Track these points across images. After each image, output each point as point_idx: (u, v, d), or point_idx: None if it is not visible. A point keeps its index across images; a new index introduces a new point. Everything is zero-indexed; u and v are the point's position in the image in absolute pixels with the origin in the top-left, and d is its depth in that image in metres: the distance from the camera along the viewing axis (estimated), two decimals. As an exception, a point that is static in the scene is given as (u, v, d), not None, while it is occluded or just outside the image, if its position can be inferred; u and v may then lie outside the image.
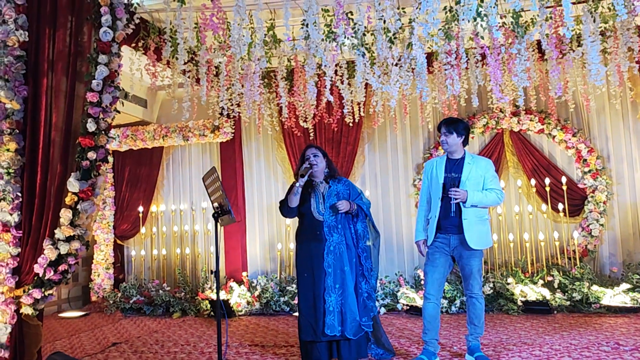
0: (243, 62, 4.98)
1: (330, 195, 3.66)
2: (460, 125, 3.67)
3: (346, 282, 3.51)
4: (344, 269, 3.52)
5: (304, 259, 3.65)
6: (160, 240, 7.26)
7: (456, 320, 5.14)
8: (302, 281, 3.63)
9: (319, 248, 3.56)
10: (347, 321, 3.46)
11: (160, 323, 5.88)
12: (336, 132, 6.51)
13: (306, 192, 3.68)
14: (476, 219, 3.57)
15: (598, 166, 5.86)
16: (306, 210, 3.66)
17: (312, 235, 3.61)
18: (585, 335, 4.31)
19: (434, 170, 3.75)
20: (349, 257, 3.57)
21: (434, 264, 3.64)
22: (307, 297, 3.57)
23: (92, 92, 3.39)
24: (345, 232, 3.63)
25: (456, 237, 3.58)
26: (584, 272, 5.48)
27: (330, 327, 3.43)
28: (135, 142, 7.03)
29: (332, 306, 3.46)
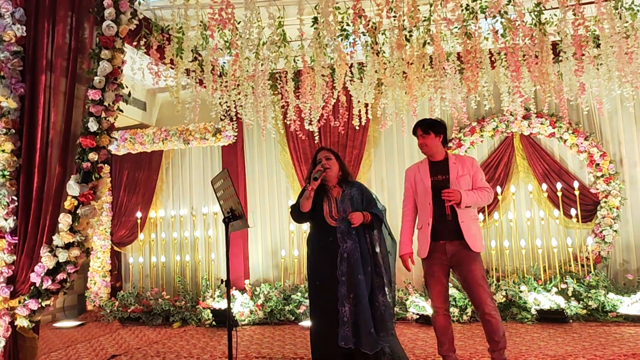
0: (249, 62, 4.80)
1: (343, 200, 3.45)
2: (436, 124, 3.48)
3: (360, 292, 3.26)
4: (358, 277, 3.28)
5: (315, 266, 3.45)
6: (159, 247, 7.04)
7: (469, 330, 4.95)
8: (314, 290, 3.42)
9: (331, 255, 3.34)
10: (362, 333, 3.21)
11: (160, 333, 5.65)
12: (342, 136, 6.34)
13: (318, 197, 3.48)
14: (471, 220, 3.37)
15: (611, 171, 5.72)
16: (318, 215, 3.46)
17: (325, 241, 3.40)
18: (608, 346, 4.14)
19: (417, 175, 3.53)
20: (363, 265, 3.33)
21: (434, 276, 3.42)
22: (320, 307, 3.37)
23: (94, 90, 3.20)
24: (360, 239, 3.38)
25: (453, 244, 3.34)
26: (598, 279, 5.32)
27: (344, 339, 3.19)
28: (133, 146, 6.82)
29: (347, 317, 3.22)
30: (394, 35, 4.13)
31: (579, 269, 5.63)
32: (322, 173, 3.41)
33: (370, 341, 3.20)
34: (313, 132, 5.90)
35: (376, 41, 4.15)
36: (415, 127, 3.53)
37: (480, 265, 3.35)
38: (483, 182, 3.44)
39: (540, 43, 3.74)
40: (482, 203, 3.43)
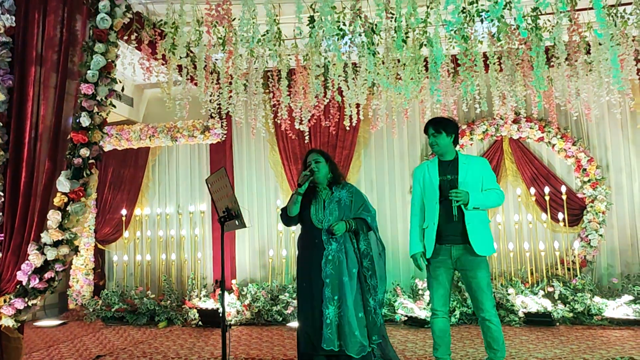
0: (242, 59, 4.74)
1: (331, 202, 3.43)
2: (449, 124, 3.43)
3: (345, 293, 3.24)
4: (343, 279, 3.27)
5: (303, 267, 3.45)
6: (144, 245, 6.92)
7: (458, 332, 4.97)
8: (301, 291, 3.42)
9: (317, 256, 3.33)
10: (346, 336, 3.19)
11: (146, 333, 5.55)
12: (332, 136, 6.32)
13: (307, 199, 3.47)
14: (479, 223, 3.31)
15: (597, 176, 5.80)
16: (306, 217, 3.45)
17: (311, 243, 3.39)
18: (596, 349, 4.18)
19: (426, 174, 3.48)
20: (348, 267, 3.31)
21: (438, 280, 3.38)
22: (305, 308, 3.36)
23: (87, 84, 3.12)
24: (346, 241, 3.37)
25: (458, 247, 3.30)
26: (584, 282, 5.39)
27: (327, 341, 3.17)
28: (119, 142, 6.70)
29: (330, 319, 3.20)
30: (389, 36, 4.13)
31: (565, 272, 5.69)
32: (307, 178, 3.38)
33: (354, 344, 3.18)
34: (303, 131, 5.87)
35: (372, 41, 4.14)
36: (427, 125, 3.46)
37: (486, 271, 3.31)
38: (493, 184, 3.40)
39: (535, 47, 3.76)
40: (491, 205, 3.36)
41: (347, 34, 4.08)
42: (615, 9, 4.12)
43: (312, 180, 3.45)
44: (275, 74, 5.54)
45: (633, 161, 5.88)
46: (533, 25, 3.76)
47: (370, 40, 4.05)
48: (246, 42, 4.08)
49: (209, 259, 6.73)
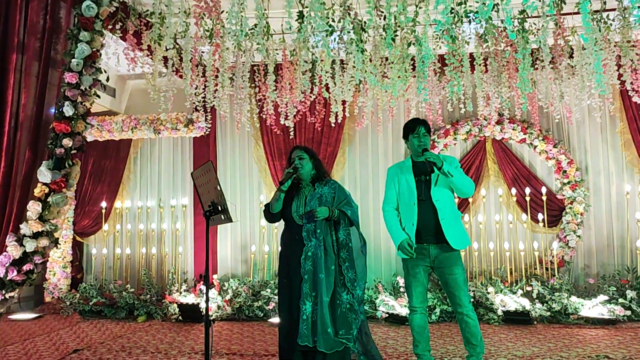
0: (229, 52, 4.69)
1: (312, 199, 3.42)
2: (428, 124, 3.45)
3: (321, 290, 3.24)
4: (319, 276, 3.28)
5: (283, 264, 3.47)
6: (124, 239, 6.83)
7: (438, 330, 5.02)
8: (281, 286, 3.44)
9: (297, 253, 3.33)
10: (319, 332, 3.20)
11: (124, 327, 5.48)
12: (317, 132, 6.31)
13: (290, 195, 3.48)
14: (453, 218, 3.37)
15: (577, 178, 5.91)
16: (288, 213, 3.46)
17: (292, 239, 3.41)
18: (572, 347, 4.27)
19: (400, 175, 3.49)
20: (326, 264, 3.31)
21: (416, 278, 3.43)
22: (285, 304, 3.37)
23: (71, 73, 3.05)
24: (325, 238, 3.36)
25: (435, 246, 3.35)
26: (562, 282, 5.50)
27: (302, 337, 3.18)
28: (101, 133, 6.58)
29: (306, 314, 3.21)
30: (378, 34, 4.13)
31: (543, 272, 5.80)
32: (290, 175, 3.38)
33: (327, 340, 3.19)
34: (288, 127, 5.84)
35: (361, 39, 4.13)
36: (416, 124, 3.42)
37: (462, 268, 3.38)
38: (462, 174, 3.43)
39: (521, 49, 3.81)
40: (462, 182, 3.32)
41: (336, 31, 4.07)
42: (600, 15, 4.19)
43: (295, 176, 3.45)
44: (262, 69, 5.50)
45: (611, 164, 6.00)
46: (520, 27, 3.80)
47: (358, 37, 4.05)
48: (234, 35, 4.05)
49: (190, 254, 6.67)
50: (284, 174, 3.40)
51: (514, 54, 4.08)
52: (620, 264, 5.82)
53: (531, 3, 3.11)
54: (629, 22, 3.81)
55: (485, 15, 3.15)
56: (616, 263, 5.85)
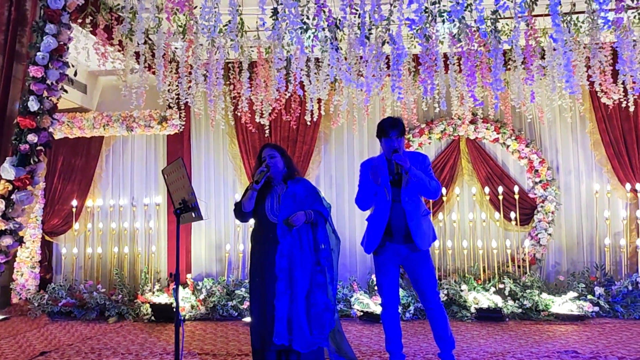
0: (202, 49, 4.63)
1: (286, 197, 3.41)
2: (402, 124, 3.43)
3: (297, 288, 3.25)
4: (295, 274, 3.28)
5: (256, 262, 3.43)
6: (95, 238, 6.68)
7: (412, 327, 5.05)
8: (254, 285, 3.41)
9: (271, 251, 3.30)
10: (295, 331, 3.21)
11: (95, 328, 5.36)
12: (293, 131, 6.28)
13: (262, 193, 3.44)
14: (421, 216, 3.40)
15: (548, 177, 6.02)
16: (261, 212, 3.42)
17: (266, 237, 3.37)
18: (542, 343, 4.35)
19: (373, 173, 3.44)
20: (301, 262, 3.31)
21: (387, 275, 3.47)
22: (257, 303, 3.34)
23: (36, 66, 2.96)
24: (301, 236, 3.36)
25: (405, 246, 3.40)
26: (533, 279, 5.59)
27: (278, 335, 3.17)
28: (71, 130, 6.43)
29: (282, 313, 3.20)
30: (353, 32, 4.13)
31: (515, 269, 5.89)
32: (263, 175, 3.35)
33: (303, 339, 3.19)
34: (263, 125, 5.81)
35: (335, 37, 4.13)
36: (389, 128, 3.37)
37: (431, 265, 3.44)
38: (431, 177, 3.44)
39: (495, 50, 3.85)
40: (427, 186, 3.33)
41: (311, 28, 4.05)
42: (569, 17, 4.27)
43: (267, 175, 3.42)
44: (236, 66, 5.46)
45: (581, 164, 6.13)
46: (492, 28, 3.84)
47: (333, 35, 4.04)
48: (207, 31, 3.99)
49: (163, 253, 6.57)
50: (257, 173, 3.37)
51: (486, 54, 4.12)
52: (589, 261, 5.95)
53: (502, 3, 3.15)
54: (598, 24, 3.89)
55: (458, 15, 3.17)
56: (585, 260, 5.98)
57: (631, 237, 5.83)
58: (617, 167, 5.89)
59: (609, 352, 4.02)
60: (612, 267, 5.80)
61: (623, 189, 5.86)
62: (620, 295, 5.40)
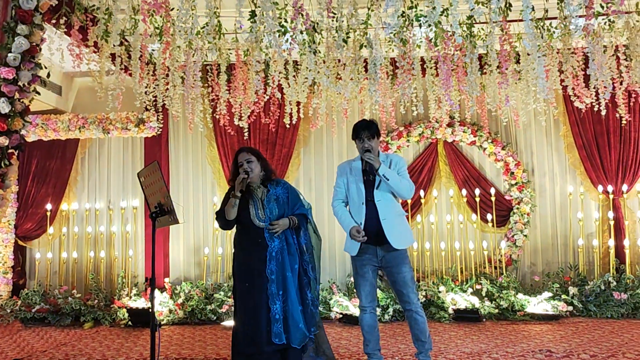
0: (180, 51, 4.60)
1: (269, 200, 3.44)
2: (376, 126, 3.52)
3: (289, 288, 3.32)
4: (286, 275, 3.33)
5: (244, 267, 3.41)
6: (70, 242, 6.56)
7: (391, 329, 5.07)
8: (242, 290, 3.38)
9: (260, 255, 3.33)
10: (291, 329, 3.28)
11: (69, 334, 5.26)
12: (272, 133, 6.27)
13: (243, 199, 3.43)
14: (394, 215, 3.45)
15: (524, 179, 6.12)
16: (245, 218, 3.42)
17: (254, 242, 3.38)
18: (518, 343, 4.41)
19: (349, 175, 3.57)
20: (290, 263, 3.37)
21: (365, 277, 3.51)
22: (248, 307, 3.32)
23: (7, 68, 2.91)
24: (288, 238, 3.42)
25: (382, 247, 3.44)
26: (509, 280, 5.68)
27: (277, 336, 3.22)
28: (46, 133, 6.31)
29: (278, 314, 3.26)
30: (331, 36, 4.15)
31: (492, 270, 5.97)
32: (245, 182, 3.35)
33: (299, 336, 3.29)
34: (242, 128, 5.78)
35: (314, 40, 4.14)
36: (361, 130, 3.47)
37: (409, 266, 3.47)
38: (405, 176, 3.49)
39: (469, 54, 3.91)
40: (401, 185, 3.40)
41: (289, 31, 4.06)
42: (542, 22, 4.36)
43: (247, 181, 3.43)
44: (214, 68, 5.43)
45: (555, 166, 6.25)
46: (468, 32, 3.90)
47: (311, 38, 4.06)
48: (184, 33, 3.97)
49: (141, 257, 6.49)
50: (238, 180, 3.34)
51: (462, 58, 4.18)
52: (564, 261, 6.07)
53: (477, 9, 3.20)
54: (569, 30, 3.98)
55: (434, 19, 3.21)
56: (560, 261, 6.10)
57: (603, 238, 5.96)
58: (590, 169, 6.03)
59: (582, 350, 4.11)
60: (585, 267, 5.92)
61: (595, 190, 6.00)
62: (593, 294, 5.52)
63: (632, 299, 5.38)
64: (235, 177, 3.40)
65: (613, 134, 5.96)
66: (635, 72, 4.40)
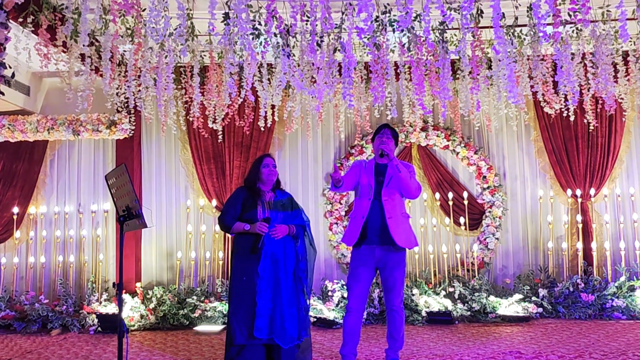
0: (152, 52, 4.53)
1: (276, 205, 3.67)
2: (397, 134, 3.79)
3: (279, 288, 3.49)
4: (279, 275, 3.51)
5: (244, 263, 3.56)
6: (38, 247, 6.39)
7: (365, 332, 5.07)
8: (241, 285, 3.54)
9: (258, 254, 3.52)
10: (278, 328, 3.42)
11: (36, 342, 5.12)
12: (246, 136, 6.23)
13: (252, 199, 3.65)
14: (400, 215, 3.56)
15: (495, 183, 6.22)
16: (252, 217, 3.59)
17: (254, 242, 3.52)
18: (489, 344, 4.47)
19: (363, 171, 3.72)
20: (286, 265, 3.55)
21: (357, 278, 3.60)
22: (244, 300, 3.48)
23: (-30, 67, 2.81)
24: (285, 242, 3.59)
25: (380, 248, 3.54)
26: (481, 283, 5.76)
27: (258, 330, 3.40)
28: (13, 134, 6.13)
29: (263, 309, 3.44)
30: (305, 39, 4.15)
31: (465, 273, 6.04)
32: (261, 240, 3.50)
33: (285, 335, 3.42)
34: (217, 130, 5.73)
35: (287, 43, 4.13)
36: (382, 128, 3.72)
37: (403, 271, 3.58)
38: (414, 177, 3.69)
39: (442, 60, 3.96)
40: (411, 182, 3.56)
41: (263, 34, 4.04)
42: (513, 29, 4.44)
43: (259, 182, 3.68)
44: (188, 70, 5.36)
45: (526, 170, 6.38)
46: (440, 38, 3.94)
47: (285, 41, 4.05)
48: (156, 35, 3.91)
49: (112, 261, 6.36)
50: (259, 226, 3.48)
51: (435, 64, 4.23)
52: (534, 264, 6.18)
53: (449, 15, 3.24)
54: (538, 37, 4.06)
55: (406, 24, 3.24)
56: (530, 263, 6.21)
57: (572, 241, 6.10)
58: (559, 174, 6.16)
59: (550, 351, 4.18)
60: (554, 269, 6.05)
61: (565, 194, 6.13)
62: (562, 296, 5.64)
63: (599, 300, 5.52)
64: (255, 178, 3.68)
65: (581, 139, 6.10)
66: (601, 79, 4.51)
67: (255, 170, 3.72)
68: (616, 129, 6.07)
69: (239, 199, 3.67)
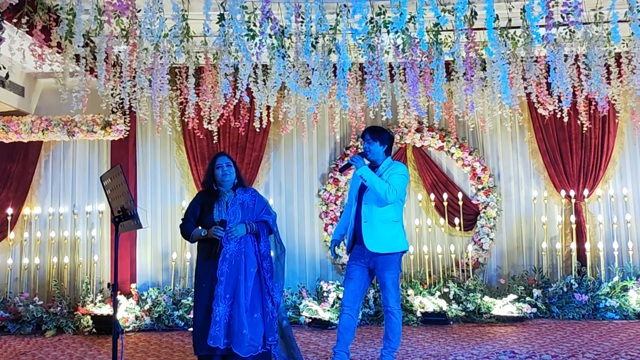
0: (147, 53, 4.53)
1: (234, 204, 3.50)
2: (385, 134, 3.68)
3: (239, 292, 3.30)
4: (239, 278, 3.33)
5: (203, 268, 3.45)
6: (32, 248, 6.36)
7: (359, 333, 5.07)
8: (200, 291, 3.42)
9: (216, 257, 3.37)
10: (235, 334, 3.23)
11: (30, 343, 5.10)
12: (242, 137, 6.23)
13: (209, 200, 3.52)
14: (378, 220, 3.54)
15: (490, 184, 6.25)
16: (208, 220, 3.47)
17: (212, 243, 3.40)
18: (483, 345, 4.50)
19: (355, 178, 3.75)
20: (246, 266, 3.38)
21: (350, 276, 3.66)
22: (202, 308, 3.35)
23: (-36, 68, 2.81)
24: (246, 242, 3.43)
25: (367, 249, 3.57)
26: (476, 283, 5.78)
27: (213, 338, 3.21)
28: (7, 135, 6.11)
29: (219, 316, 3.25)
30: (300, 40, 4.16)
31: (459, 273, 6.06)
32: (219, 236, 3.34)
33: (243, 342, 3.23)
34: (212, 131, 5.74)
35: (282, 44, 4.15)
36: (365, 131, 3.70)
37: (394, 272, 3.58)
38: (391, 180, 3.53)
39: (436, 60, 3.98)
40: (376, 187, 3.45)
41: (258, 35, 4.06)
42: (507, 31, 4.47)
43: (216, 183, 3.54)
44: (183, 71, 5.37)
45: (520, 171, 6.41)
46: (434, 40, 3.97)
47: (280, 43, 4.06)
48: (151, 35, 3.92)
49: (106, 262, 6.34)
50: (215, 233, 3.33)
51: (429, 65, 4.25)
52: (528, 264, 6.21)
53: (443, 17, 3.26)
54: (532, 39, 4.09)
55: (400, 26, 3.26)
56: (525, 264, 6.24)
57: (566, 241, 6.13)
58: (553, 175, 6.20)
59: (544, 351, 4.21)
60: (548, 269, 6.08)
61: (558, 195, 6.17)
62: (556, 296, 5.67)
63: (593, 300, 5.56)
64: (210, 179, 3.54)
65: (575, 141, 6.14)
66: (594, 81, 4.55)
67: (210, 172, 3.57)
68: (609, 130, 6.10)
69: (197, 204, 3.54)
